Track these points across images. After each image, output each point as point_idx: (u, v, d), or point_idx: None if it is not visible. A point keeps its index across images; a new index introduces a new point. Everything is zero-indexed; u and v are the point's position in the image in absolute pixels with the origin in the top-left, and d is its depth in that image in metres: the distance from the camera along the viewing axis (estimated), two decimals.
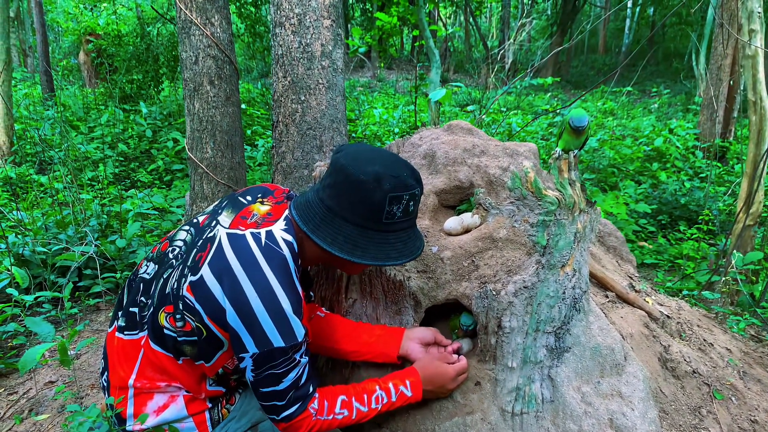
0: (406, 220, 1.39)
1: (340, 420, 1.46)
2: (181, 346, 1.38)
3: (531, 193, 1.68)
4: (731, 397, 2.05)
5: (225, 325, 1.30)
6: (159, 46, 8.72)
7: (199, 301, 1.31)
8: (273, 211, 1.44)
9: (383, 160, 1.34)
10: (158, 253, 1.53)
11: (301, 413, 1.38)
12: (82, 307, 3.35)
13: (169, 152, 6.92)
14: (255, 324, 1.27)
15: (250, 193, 1.52)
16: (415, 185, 1.35)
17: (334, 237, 1.33)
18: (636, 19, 24.55)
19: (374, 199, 1.30)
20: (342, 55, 2.16)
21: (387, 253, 1.35)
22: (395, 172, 1.31)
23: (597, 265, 2.28)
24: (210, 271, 1.30)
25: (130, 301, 1.51)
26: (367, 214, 1.32)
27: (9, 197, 5.33)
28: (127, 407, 1.44)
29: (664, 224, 5.77)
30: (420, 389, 1.60)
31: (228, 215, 1.42)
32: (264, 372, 1.32)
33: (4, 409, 2.43)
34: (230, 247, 1.32)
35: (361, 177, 1.29)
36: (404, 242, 1.39)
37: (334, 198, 1.34)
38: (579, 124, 1.68)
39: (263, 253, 1.31)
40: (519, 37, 17.16)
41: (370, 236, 1.34)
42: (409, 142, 2.28)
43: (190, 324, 1.34)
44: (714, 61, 7.50)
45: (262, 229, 1.36)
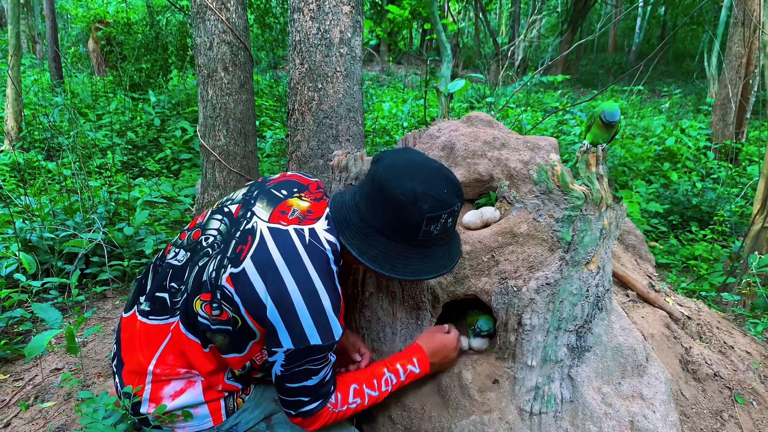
0: (444, 237, 1.36)
1: (354, 409, 1.46)
2: (212, 335, 1.37)
3: (557, 187, 1.63)
4: (752, 402, 2.00)
5: (263, 320, 1.29)
6: (168, 34, 8.67)
7: (239, 293, 1.29)
8: (313, 208, 1.42)
9: (422, 175, 1.29)
10: (189, 241, 1.51)
11: (321, 408, 1.38)
12: (89, 294, 3.31)
13: (177, 141, 6.88)
14: (294, 321, 1.26)
15: (284, 187, 1.49)
16: (455, 201, 1.31)
17: (367, 249, 1.32)
18: (647, 18, 24.39)
19: (410, 219, 1.28)
20: (360, 42, 2.12)
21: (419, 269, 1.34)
22: (434, 191, 1.27)
23: (617, 263, 2.24)
24: (253, 265, 1.29)
25: (157, 286, 1.49)
26: (404, 232, 1.31)
27: (17, 183, 5.31)
28: (143, 392, 1.42)
29: (676, 224, 5.70)
30: (427, 363, 1.61)
31: (265, 208, 1.40)
32: (295, 368, 1.31)
33: (9, 396, 2.41)
34: (273, 243, 1.30)
35: (398, 194, 1.26)
36: (438, 258, 1.37)
37: (370, 210, 1.32)
38: (612, 119, 1.63)
39: (307, 250, 1.30)
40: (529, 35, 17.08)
41: (405, 251, 1.33)
42: (427, 133, 2.23)
43: (227, 313, 1.33)
44: (728, 61, 7.41)
45: (305, 226, 1.35)
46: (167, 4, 8.97)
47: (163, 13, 9.17)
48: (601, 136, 1.68)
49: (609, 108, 1.64)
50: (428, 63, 6.86)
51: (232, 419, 1.52)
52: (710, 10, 16.11)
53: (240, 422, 1.53)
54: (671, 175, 6.52)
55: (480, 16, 18.67)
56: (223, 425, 1.50)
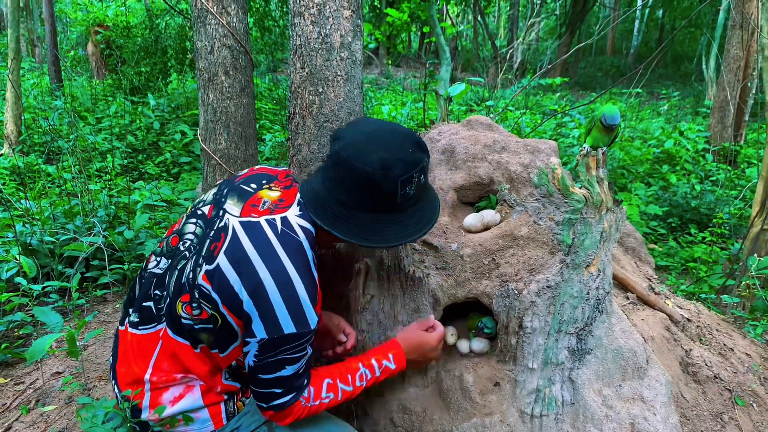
0: (422, 193, 1.39)
1: (326, 404, 1.45)
2: (197, 334, 1.37)
3: (558, 191, 1.64)
4: (752, 404, 2.01)
5: (240, 313, 1.29)
6: (167, 38, 8.68)
7: (215, 290, 1.30)
8: (284, 197, 1.42)
9: (384, 143, 1.31)
10: (168, 248, 1.51)
11: (294, 402, 1.37)
12: (90, 298, 3.32)
13: (176, 145, 6.88)
14: (269, 310, 1.26)
15: (253, 180, 1.49)
16: (422, 158, 1.33)
17: (351, 228, 1.33)
18: (645, 21, 24.44)
19: (385, 188, 1.29)
20: (361, 47, 2.13)
21: (404, 231, 1.36)
22: (401, 154, 1.29)
23: (617, 266, 2.24)
24: (226, 260, 1.29)
25: (143, 296, 1.50)
26: (382, 203, 1.32)
27: (17, 186, 5.31)
28: (143, 399, 1.42)
29: (675, 227, 5.72)
30: (403, 359, 1.59)
31: (236, 204, 1.40)
32: (268, 358, 1.31)
33: (10, 399, 2.41)
34: (245, 235, 1.30)
35: (367, 169, 1.27)
36: (420, 213, 1.40)
37: (345, 191, 1.33)
38: (612, 122, 1.64)
39: (280, 240, 1.30)
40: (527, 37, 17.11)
41: (388, 219, 1.35)
42: (427, 137, 2.24)
43: (206, 312, 1.33)
44: (726, 63, 7.43)
45: (276, 215, 1.35)
46: (166, 8, 8.98)
47: (163, 16, 9.18)
48: (602, 140, 1.68)
49: (609, 111, 1.64)
50: (427, 66, 6.86)
51: (233, 422, 1.52)
52: (708, 12, 16.16)
53: (241, 425, 1.53)
54: (670, 177, 6.53)
55: (478, 19, 18.71)
56: (224, 429, 1.50)
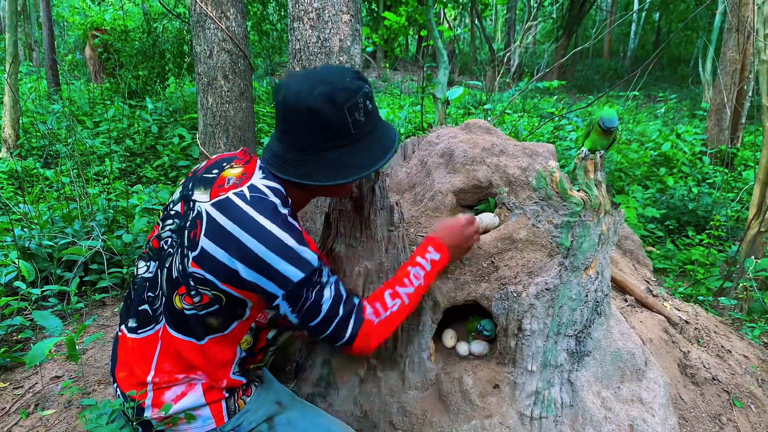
0: (372, 119, 1.41)
1: (397, 311, 1.49)
2: (206, 321, 1.39)
3: (556, 194, 1.65)
4: (750, 405, 2.02)
5: (242, 284, 1.31)
6: (165, 42, 8.68)
7: (208, 272, 1.32)
8: (246, 170, 1.44)
9: (322, 78, 1.34)
10: (153, 252, 1.53)
11: (361, 323, 1.41)
12: (89, 302, 3.31)
13: (174, 148, 6.88)
14: (269, 269, 1.29)
15: (214, 167, 1.51)
16: (361, 84, 1.36)
17: (319, 171, 1.36)
18: (642, 24, 24.51)
19: (335, 118, 1.32)
20: (360, 50, 2.14)
21: (371, 156, 1.39)
22: (340, 84, 1.32)
23: (615, 268, 2.25)
24: (209, 240, 1.32)
25: (137, 301, 1.51)
26: (337, 135, 1.34)
27: (15, 190, 5.30)
28: (145, 399, 1.43)
29: (672, 229, 5.73)
30: (444, 247, 1.61)
31: (203, 192, 1.43)
32: (302, 307, 1.35)
33: (9, 404, 2.40)
34: (220, 214, 1.33)
35: (312, 106, 1.30)
36: (380, 138, 1.42)
37: (299, 138, 1.36)
38: (610, 125, 1.65)
39: (252, 205, 1.33)
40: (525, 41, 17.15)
41: (350, 151, 1.37)
42: (426, 140, 2.25)
43: (207, 296, 1.35)
44: (723, 66, 7.46)
45: (243, 186, 1.38)
46: (164, 12, 8.99)
47: (160, 20, 9.19)
48: (600, 143, 1.70)
49: (607, 115, 1.66)
50: (425, 69, 6.88)
51: (234, 420, 1.52)
52: (705, 16, 16.22)
53: (242, 423, 1.54)
54: (667, 180, 6.55)
55: (476, 22, 18.76)
56: (225, 426, 1.51)
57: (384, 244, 1.75)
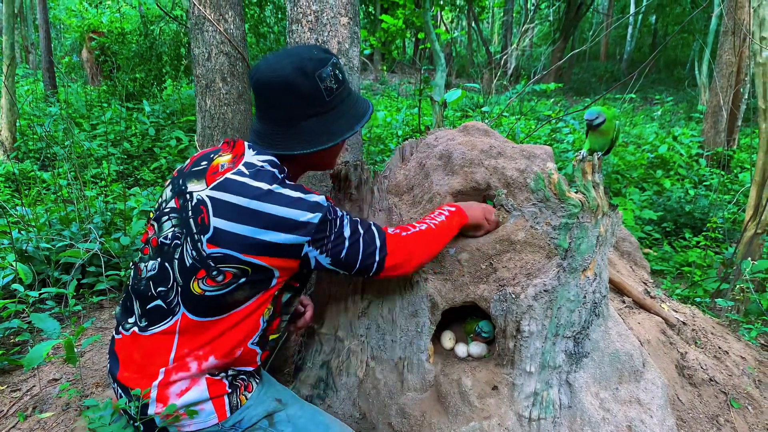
0: (343, 88, 1.49)
1: (425, 231, 1.56)
2: (231, 298, 1.41)
3: (554, 195, 1.65)
4: (748, 406, 2.02)
5: (267, 249, 1.36)
6: (162, 45, 8.69)
7: (228, 248, 1.35)
8: (235, 153, 1.49)
9: (289, 54, 1.43)
10: (153, 251, 1.52)
11: (386, 241, 1.48)
12: (86, 304, 3.31)
13: (172, 151, 6.88)
14: (287, 223, 1.34)
15: (202, 160, 1.54)
16: (329, 56, 1.44)
17: (298, 141, 1.44)
18: (638, 27, 24.60)
19: (307, 86, 1.40)
20: (358, 53, 2.14)
21: (348, 122, 1.48)
22: (306, 55, 1.41)
23: (613, 270, 2.26)
24: (220, 219, 1.35)
25: (146, 300, 1.49)
26: (313, 102, 1.42)
27: (12, 193, 5.29)
28: (150, 395, 1.44)
29: (669, 231, 5.75)
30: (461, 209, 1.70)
31: (197, 183, 1.45)
32: (327, 244, 1.41)
33: (7, 406, 2.40)
34: (223, 193, 1.37)
35: (286, 79, 1.38)
36: (355, 106, 1.52)
37: (276, 110, 1.44)
38: (589, 117, 1.68)
39: (253, 177, 1.38)
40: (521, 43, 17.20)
41: (327, 118, 1.46)
42: (424, 142, 2.25)
43: (229, 273, 1.37)
44: (719, 69, 7.49)
45: (238, 166, 1.42)
46: (161, 14, 9.00)
47: (157, 23, 9.19)
48: (598, 142, 1.71)
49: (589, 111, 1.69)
50: (422, 72, 6.89)
51: (236, 415, 1.53)
52: (701, 19, 16.28)
53: (243, 419, 1.54)
54: (664, 182, 6.57)
55: (473, 25, 18.80)
56: (227, 422, 1.51)
57: None
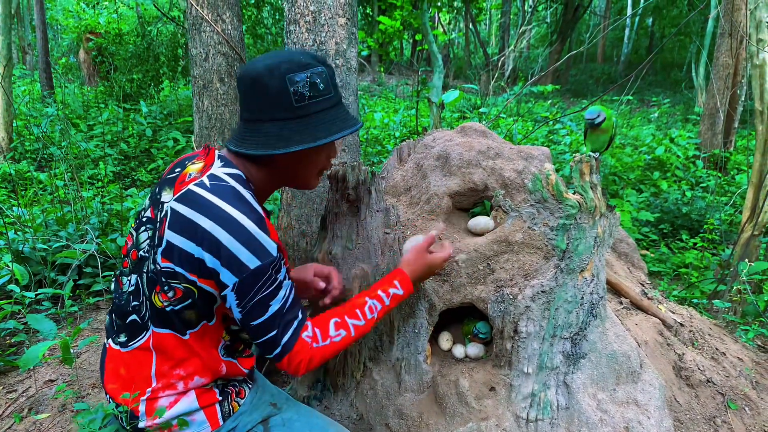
0: (323, 100, 1.36)
1: (338, 342, 1.40)
2: (183, 314, 1.37)
3: (552, 196, 1.65)
4: (745, 407, 2.03)
5: (207, 272, 1.30)
6: (160, 45, 8.68)
7: (177, 264, 1.31)
8: (206, 162, 1.44)
9: (276, 54, 1.35)
10: (132, 264, 1.50)
11: (295, 342, 1.34)
12: (83, 305, 3.30)
13: (169, 152, 6.87)
14: (228, 255, 1.26)
15: (177, 166, 1.51)
16: (315, 64, 1.34)
17: (256, 140, 1.35)
18: (635, 29, 24.65)
19: (273, 86, 1.31)
20: (356, 54, 2.14)
21: (313, 134, 1.34)
22: (287, 58, 1.33)
23: (610, 271, 2.26)
24: (173, 233, 1.31)
25: (124, 315, 1.48)
26: (276, 104, 1.32)
27: (8, 193, 5.28)
28: (139, 406, 1.42)
29: (666, 233, 5.75)
30: (410, 284, 1.55)
31: (168, 192, 1.42)
32: (249, 302, 1.30)
33: (3, 408, 2.39)
34: (182, 205, 1.33)
35: (254, 74, 1.31)
36: (330, 122, 1.38)
37: (246, 108, 1.37)
38: (590, 116, 1.68)
39: (213, 192, 1.32)
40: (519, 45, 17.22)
41: (291, 126, 1.34)
42: (422, 143, 2.26)
43: (179, 289, 1.34)
44: (716, 71, 7.51)
45: (203, 176, 1.37)
46: (158, 15, 8.99)
47: (155, 23, 9.18)
48: (597, 141, 1.71)
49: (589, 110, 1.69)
50: (419, 73, 6.90)
51: (229, 422, 1.52)
52: (697, 21, 16.31)
53: (237, 425, 1.53)
54: (661, 184, 6.58)
55: (470, 26, 18.82)
56: (220, 430, 1.50)
57: (380, 246, 1.75)
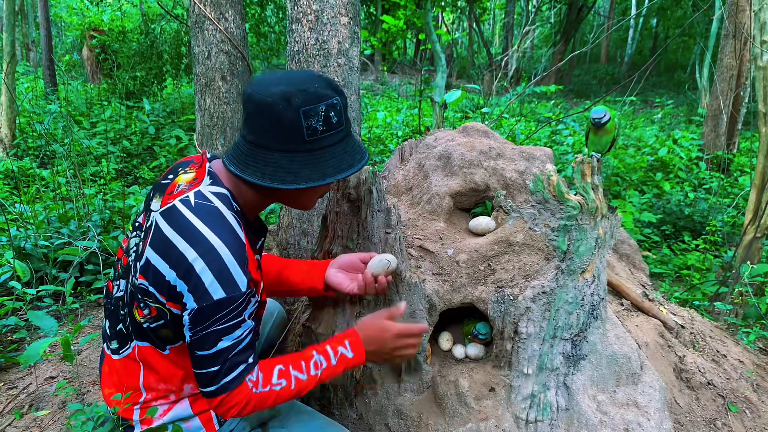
0: (334, 133, 1.31)
1: (278, 392, 1.35)
2: (159, 332, 1.35)
3: (553, 197, 1.65)
4: (745, 410, 2.02)
5: (174, 296, 1.26)
6: (163, 43, 8.69)
7: (150, 283, 1.28)
8: (197, 175, 1.39)
9: (291, 78, 1.28)
10: (122, 269, 1.48)
11: (239, 384, 1.29)
12: (84, 302, 3.30)
13: (171, 149, 6.87)
14: (196, 280, 1.22)
15: (171, 172, 1.47)
16: (332, 95, 1.27)
17: (262, 170, 1.28)
18: (639, 30, 24.61)
19: (287, 118, 1.24)
20: (358, 53, 2.14)
21: (322, 171, 1.29)
22: (304, 87, 1.25)
23: (611, 272, 2.26)
24: (152, 250, 1.27)
25: (114, 321, 1.48)
26: (288, 137, 1.26)
27: (11, 190, 5.29)
28: (132, 415, 1.42)
29: (668, 234, 5.74)
30: (361, 349, 1.47)
31: (157, 200, 1.38)
32: (202, 330, 1.24)
33: (3, 404, 2.39)
34: (165, 222, 1.28)
35: (267, 100, 1.23)
36: (339, 157, 1.32)
37: (252, 131, 1.29)
38: (596, 115, 1.67)
39: (195, 213, 1.27)
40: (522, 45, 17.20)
41: (300, 159, 1.28)
42: (423, 143, 2.25)
43: (153, 308, 1.31)
44: (720, 72, 7.49)
45: (190, 192, 1.32)
46: (162, 13, 8.99)
47: (158, 21, 9.19)
48: (599, 142, 1.71)
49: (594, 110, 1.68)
50: (422, 73, 6.88)
51: (225, 428, 1.52)
52: (701, 22, 16.28)
53: (234, 430, 1.53)
54: (664, 185, 6.57)
55: (474, 26, 18.80)
56: None
57: (381, 246, 1.75)
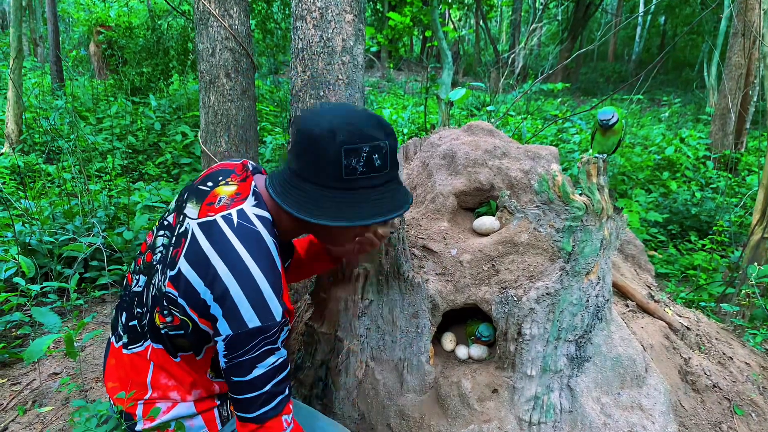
0: (375, 176, 1.25)
1: None
2: (176, 340, 1.35)
3: (558, 198, 1.63)
4: (751, 413, 2.00)
5: (207, 315, 1.25)
6: (169, 39, 8.69)
7: (181, 295, 1.26)
8: (240, 190, 1.36)
9: (342, 112, 1.24)
10: (144, 264, 1.48)
11: (274, 416, 1.27)
12: (88, 298, 3.31)
13: (177, 146, 6.88)
14: (232, 307, 1.20)
15: (210, 179, 1.44)
16: (378, 135, 1.22)
17: (299, 200, 1.25)
18: (647, 28, 24.47)
19: (328, 153, 1.19)
20: (363, 51, 2.12)
21: (350, 213, 1.24)
22: (352, 123, 1.20)
23: (617, 273, 2.24)
24: (187, 263, 1.25)
25: (128, 316, 1.48)
26: (325, 171, 1.22)
27: (17, 186, 5.30)
28: (136, 409, 1.41)
29: (675, 234, 5.71)
30: None
31: (194, 206, 1.36)
32: (237, 357, 1.23)
33: (7, 400, 2.40)
34: (203, 236, 1.26)
35: (314, 131, 1.20)
36: (374, 201, 1.26)
37: (296, 159, 1.26)
38: (604, 116, 1.64)
39: (236, 234, 1.25)
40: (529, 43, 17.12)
41: (333, 196, 1.24)
42: (428, 141, 2.24)
43: (177, 317, 1.30)
44: (728, 71, 7.44)
45: (233, 209, 1.30)
46: (169, 9, 9.00)
47: (165, 17, 9.19)
48: (605, 143, 1.69)
49: (603, 110, 1.66)
50: (428, 70, 6.86)
51: (228, 426, 1.51)
52: (710, 20, 16.17)
53: (237, 429, 1.52)
54: (671, 184, 6.53)
55: (481, 23, 18.72)
56: None
57: (384, 246, 1.74)
